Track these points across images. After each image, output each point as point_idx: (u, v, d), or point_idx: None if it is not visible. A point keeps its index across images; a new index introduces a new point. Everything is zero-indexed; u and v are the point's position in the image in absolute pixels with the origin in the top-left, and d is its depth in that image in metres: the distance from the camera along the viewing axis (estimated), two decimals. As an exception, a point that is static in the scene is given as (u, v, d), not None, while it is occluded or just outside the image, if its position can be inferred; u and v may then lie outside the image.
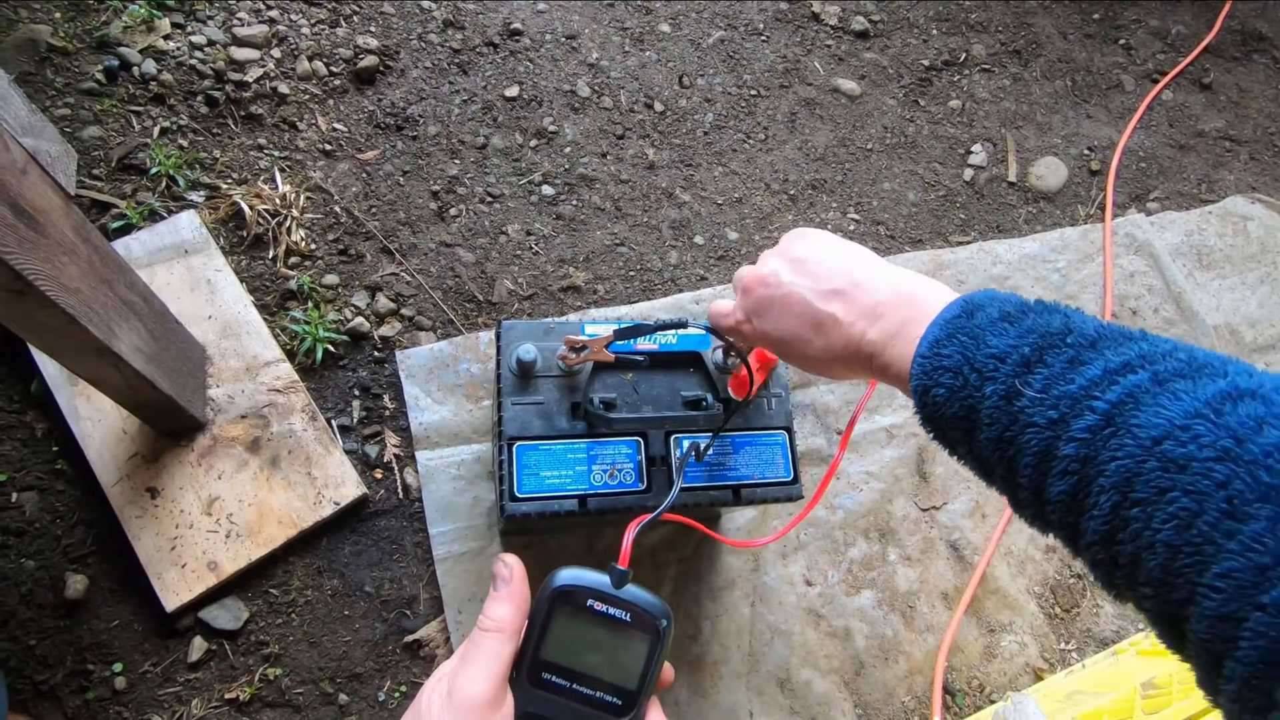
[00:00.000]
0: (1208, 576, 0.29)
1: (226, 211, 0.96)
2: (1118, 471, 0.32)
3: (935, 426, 0.42)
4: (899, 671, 0.90)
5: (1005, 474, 0.38)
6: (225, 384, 0.86)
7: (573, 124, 1.15)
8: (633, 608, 0.39)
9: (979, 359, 0.38)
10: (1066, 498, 0.35)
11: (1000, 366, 0.38)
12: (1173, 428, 0.31)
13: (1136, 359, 0.35)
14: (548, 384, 0.70)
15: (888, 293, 0.45)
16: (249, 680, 0.78)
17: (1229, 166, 1.34)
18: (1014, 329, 0.39)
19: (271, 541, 0.81)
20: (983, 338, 0.39)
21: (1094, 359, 0.36)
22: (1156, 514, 0.31)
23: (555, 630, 0.39)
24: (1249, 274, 1.22)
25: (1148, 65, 1.42)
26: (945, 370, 0.39)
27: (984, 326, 0.39)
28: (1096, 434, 0.33)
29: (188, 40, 1.05)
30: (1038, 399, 0.36)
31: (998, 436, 0.37)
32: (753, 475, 0.71)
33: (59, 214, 0.57)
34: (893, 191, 1.21)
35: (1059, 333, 0.37)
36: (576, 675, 0.39)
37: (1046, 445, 0.35)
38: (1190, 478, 0.30)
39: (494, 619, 0.38)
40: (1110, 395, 0.34)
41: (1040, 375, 0.36)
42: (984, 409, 0.38)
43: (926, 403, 0.41)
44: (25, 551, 0.78)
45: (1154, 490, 0.31)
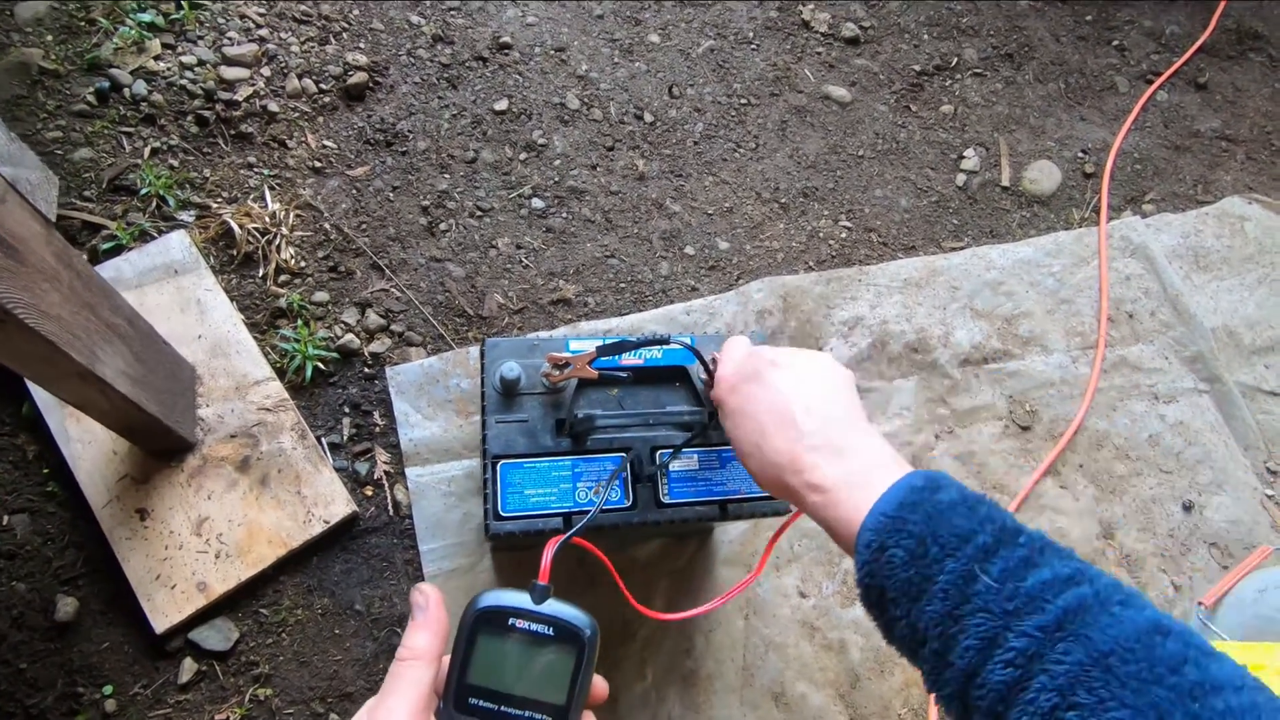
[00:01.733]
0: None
1: (217, 231, 0.97)
2: (1063, 674, 0.35)
3: (876, 583, 0.43)
4: (894, 684, 0.89)
5: (939, 648, 0.40)
6: (215, 403, 0.87)
7: (562, 136, 1.15)
8: (555, 621, 0.39)
9: (943, 534, 0.41)
10: (1004, 687, 0.37)
11: (962, 547, 0.40)
12: (1117, 646, 0.35)
13: (1078, 573, 0.39)
14: (532, 401, 0.69)
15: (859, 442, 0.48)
16: (239, 701, 0.78)
17: (1225, 167, 1.33)
18: (973, 515, 0.42)
19: (261, 561, 0.81)
20: (947, 515, 0.41)
21: (1043, 562, 0.39)
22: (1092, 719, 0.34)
23: (479, 653, 0.38)
24: (1247, 275, 1.21)
25: (1142, 66, 1.41)
26: (908, 535, 0.41)
27: (947, 505, 0.42)
28: (1047, 634, 0.36)
29: (178, 60, 1.06)
30: (994, 588, 0.39)
31: (946, 612, 0.39)
32: (739, 490, 0.70)
33: (39, 241, 0.57)
34: (885, 198, 1.20)
35: (1013, 530, 0.41)
36: (504, 697, 0.38)
37: (995, 633, 0.38)
38: (1129, 694, 0.33)
39: (411, 648, 0.37)
40: (1061, 601, 0.37)
41: (997, 565, 0.39)
42: (939, 582, 0.40)
43: (879, 560, 0.42)
44: (16, 574, 0.79)
45: (1095, 699, 0.34)
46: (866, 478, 0.46)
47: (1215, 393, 1.11)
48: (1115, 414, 1.08)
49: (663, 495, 0.68)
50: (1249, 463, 1.07)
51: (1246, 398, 1.11)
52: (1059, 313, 1.14)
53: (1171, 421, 1.08)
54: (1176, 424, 1.08)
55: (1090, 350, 1.12)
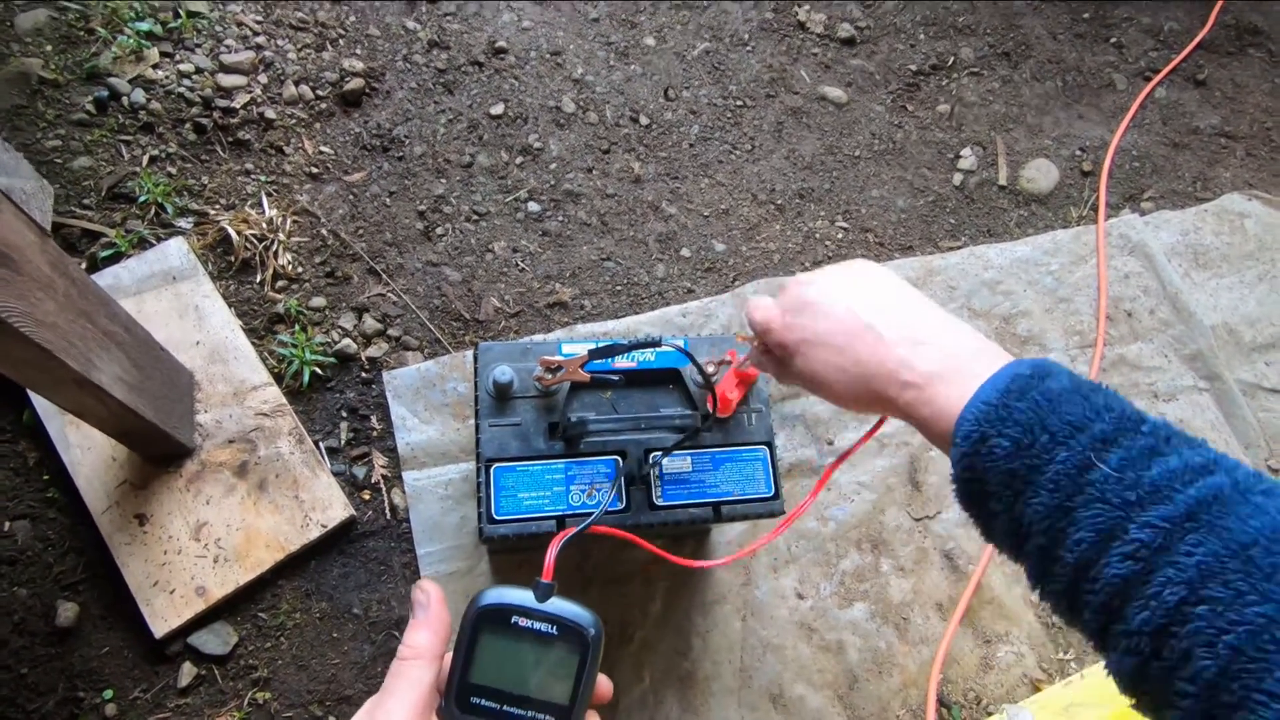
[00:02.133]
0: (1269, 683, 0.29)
1: (215, 237, 0.98)
2: (1193, 566, 0.32)
3: (975, 477, 0.40)
4: (893, 685, 0.89)
5: (1045, 544, 0.37)
6: (213, 409, 0.87)
7: (558, 140, 1.15)
8: (558, 620, 0.38)
9: (1053, 422, 0.37)
10: (1121, 582, 0.34)
11: (1076, 435, 0.37)
12: (1260, 536, 0.31)
13: (1212, 462, 0.35)
14: (525, 405, 0.70)
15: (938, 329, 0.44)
16: (238, 705, 0.78)
17: (1225, 164, 1.33)
18: (1087, 403, 0.38)
19: (260, 565, 0.81)
20: (1058, 403, 0.38)
21: (1170, 451, 0.36)
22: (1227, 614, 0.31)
23: (481, 651, 0.38)
24: (1247, 272, 1.20)
25: (1140, 63, 1.41)
26: (1014, 423, 0.38)
27: (1058, 393, 0.38)
28: (1175, 525, 0.33)
29: (176, 69, 1.07)
30: (1114, 477, 0.35)
31: (1056, 504, 0.36)
32: (733, 492, 0.71)
33: (34, 250, 0.58)
34: (881, 198, 1.20)
35: (1134, 418, 0.37)
36: (506, 696, 0.37)
37: (1113, 525, 0.35)
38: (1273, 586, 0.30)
39: (412, 646, 0.37)
40: (1192, 491, 0.34)
41: (1117, 454, 0.36)
42: (1048, 473, 0.37)
43: (980, 451, 0.39)
44: (17, 580, 0.79)
45: (1231, 592, 0.31)
46: (963, 366, 0.42)
47: (1215, 390, 1.11)
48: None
49: (656, 498, 0.69)
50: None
51: (1247, 395, 1.10)
52: (1057, 311, 1.13)
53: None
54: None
55: (1089, 349, 1.11)
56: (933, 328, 0.45)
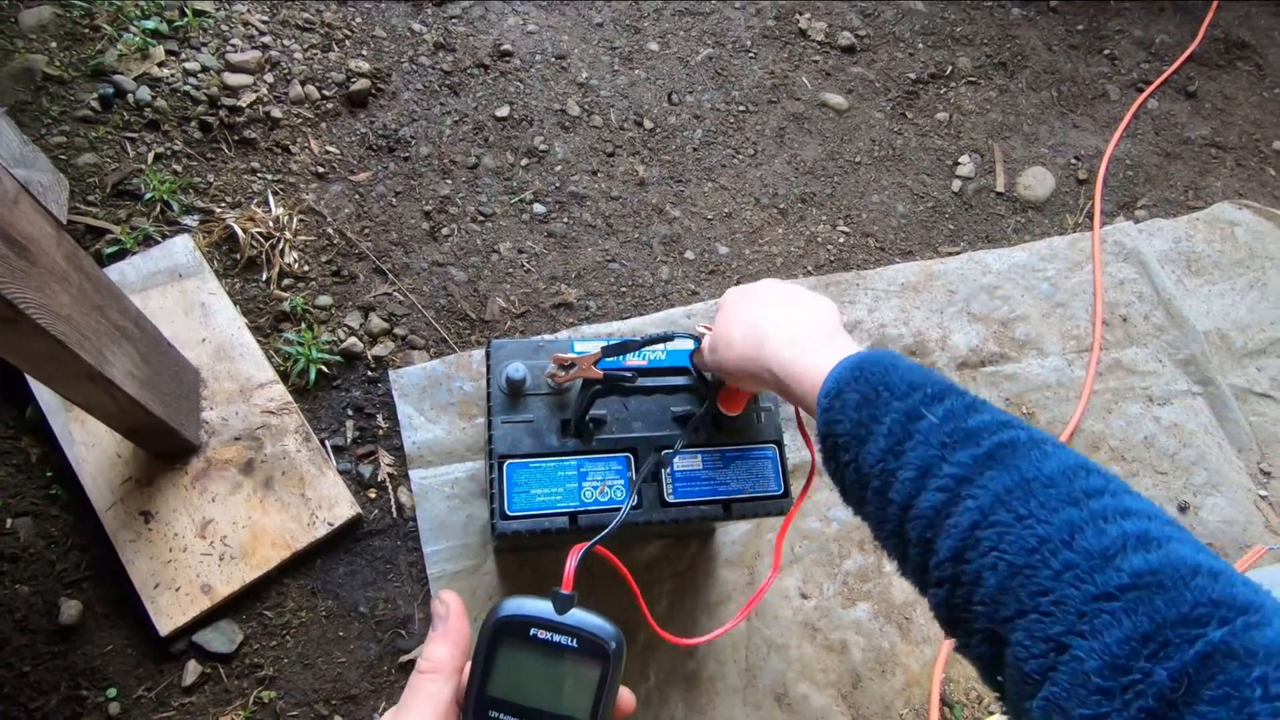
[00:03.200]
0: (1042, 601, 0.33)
1: (220, 235, 0.97)
2: (986, 496, 0.38)
3: (829, 429, 0.47)
4: (896, 684, 0.90)
5: (879, 485, 0.43)
6: (219, 406, 0.87)
7: (563, 142, 1.16)
8: (578, 633, 0.37)
9: (895, 381, 0.45)
10: (933, 511, 0.39)
11: (912, 392, 0.44)
12: (1040, 474, 0.37)
13: (1015, 420, 0.42)
14: (537, 402, 0.70)
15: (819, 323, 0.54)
16: (243, 703, 0.78)
17: (1215, 173, 1.35)
18: (927, 375, 0.46)
19: (266, 563, 0.81)
20: (902, 371, 0.46)
21: (985, 410, 0.43)
22: (1008, 536, 0.36)
23: (500, 665, 0.36)
24: (1238, 279, 1.23)
25: (1132, 74, 1.44)
26: (864, 382, 0.46)
27: (905, 365, 0.46)
28: (978, 462, 0.39)
29: (182, 67, 1.07)
30: (936, 425, 0.42)
31: (889, 447, 0.43)
32: (743, 489, 0.71)
33: (50, 242, 0.58)
34: (882, 204, 1.22)
35: (960, 389, 0.45)
36: (525, 711, 0.36)
37: (931, 462, 0.41)
38: (1045, 512, 0.36)
39: (430, 660, 0.36)
40: (996, 438, 0.40)
41: (942, 408, 0.43)
42: (885, 422, 0.43)
43: (835, 406, 0.46)
44: (19, 577, 0.79)
45: (1013, 515, 0.36)
46: (837, 343, 0.51)
47: (1208, 395, 1.13)
48: (1110, 416, 1.09)
49: (668, 495, 0.69)
50: (1243, 464, 1.09)
51: (1239, 400, 1.12)
52: (1054, 316, 1.15)
53: (1166, 424, 1.10)
54: (1171, 426, 1.10)
55: (1085, 353, 1.13)
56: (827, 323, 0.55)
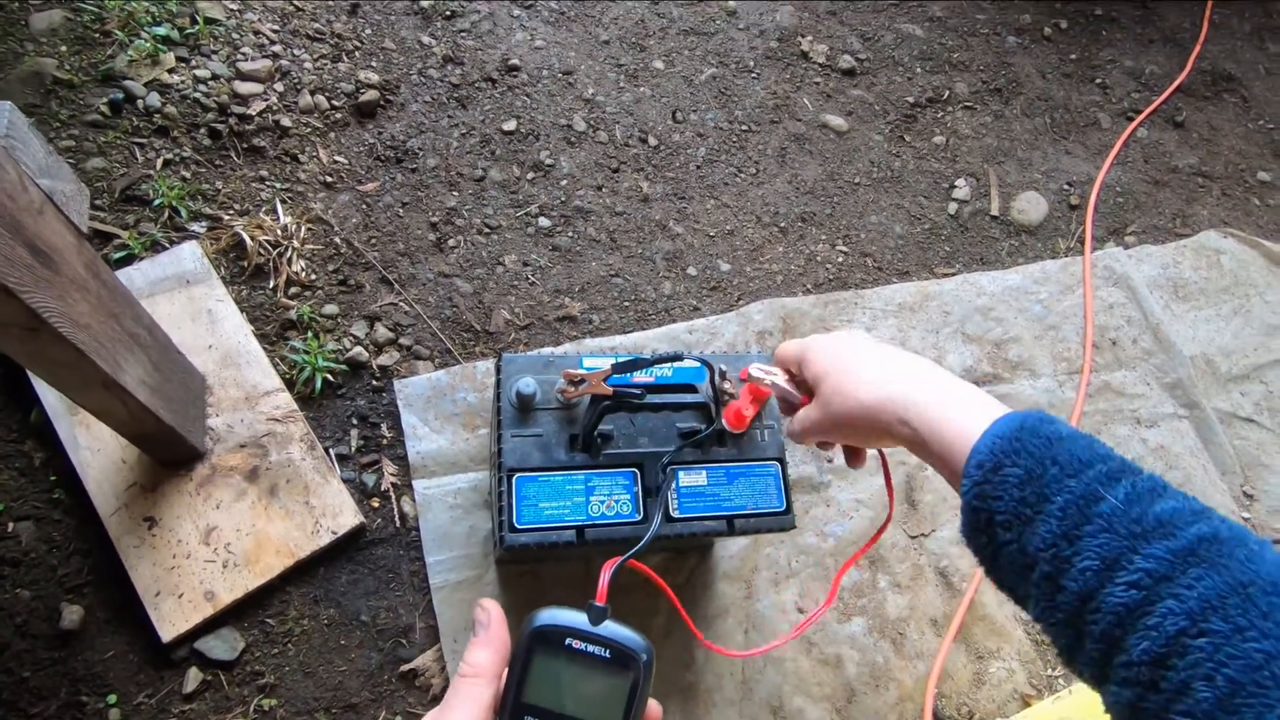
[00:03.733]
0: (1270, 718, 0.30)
1: (228, 242, 0.98)
2: (1196, 600, 0.33)
3: (984, 506, 0.42)
4: (890, 698, 0.91)
5: (1049, 571, 0.39)
6: (225, 413, 0.87)
7: (569, 157, 1.17)
8: (611, 644, 0.38)
9: (1062, 456, 0.40)
10: (1124, 609, 0.35)
11: (1084, 470, 0.39)
12: (1259, 579, 0.33)
13: (1207, 510, 0.37)
14: (546, 416, 0.71)
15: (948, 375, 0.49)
16: (244, 711, 0.78)
17: (1202, 202, 1.39)
18: (1093, 447, 0.41)
19: (269, 571, 0.81)
20: (1066, 443, 0.41)
21: (1170, 495, 0.38)
22: (1225, 647, 0.32)
23: (535, 672, 0.38)
24: (1223, 306, 1.26)
25: (1123, 104, 1.47)
26: (1026, 455, 0.41)
27: (1066, 435, 0.41)
28: (1179, 559, 0.35)
29: (192, 74, 1.07)
30: (1120, 509, 0.37)
31: (1063, 532, 0.38)
32: (746, 505, 0.73)
33: (72, 252, 0.59)
34: (880, 224, 1.24)
35: (1134, 466, 0.40)
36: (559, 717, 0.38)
37: (1119, 554, 0.36)
38: (1271, 625, 0.32)
39: (472, 665, 0.38)
40: (1194, 529, 0.36)
41: (1123, 489, 0.38)
42: (1057, 501, 0.39)
43: (993, 480, 0.41)
44: (21, 581, 0.79)
45: (1231, 627, 0.32)
46: (974, 405, 0.45)
47: (1194, 418, 1.16)
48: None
49: (673, 510, 0.70)
50: (1226, 486, 1.12)
51: (1223, 423, 1.15)
52: (1046, 338, 1.18)
53: (1153, 445, 1.12)
54: (1158, 448, 1.12)
55: (1076, 375, 1.16)
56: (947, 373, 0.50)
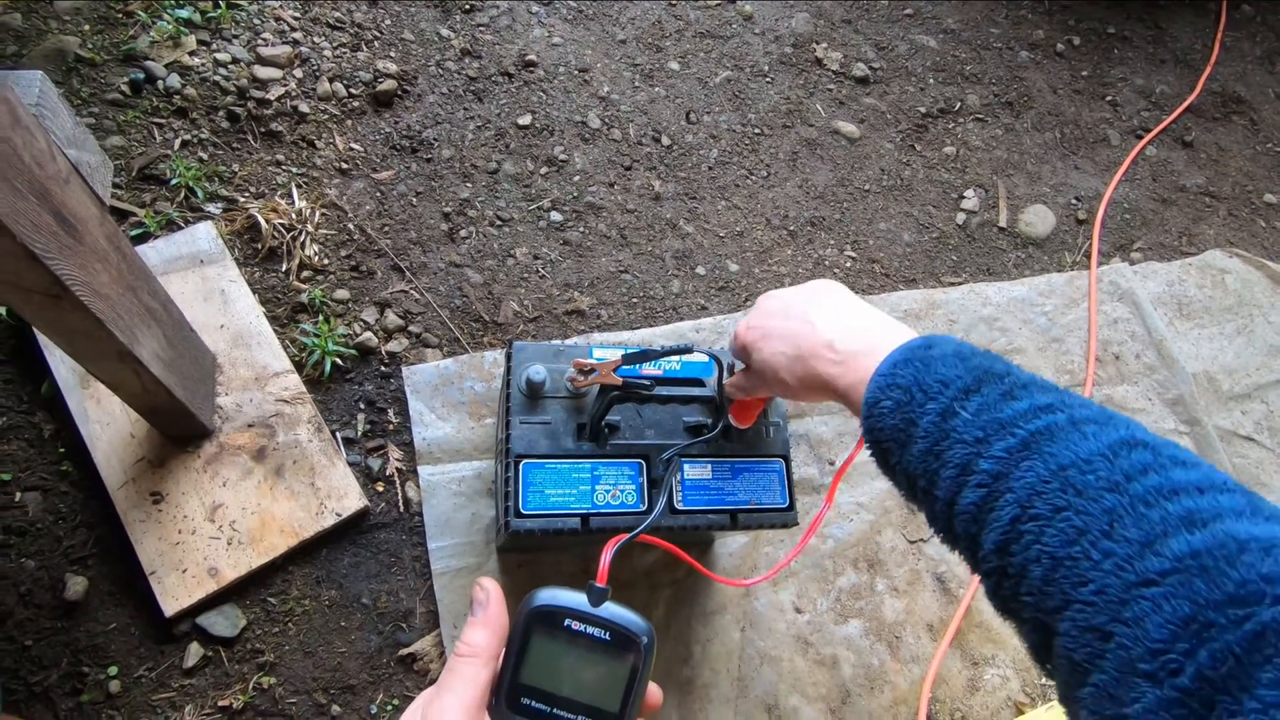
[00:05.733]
0: (1082, 592, 0.33)
1: (243, 224, 0.99)
2: (1023, 488, 0.37)
3: (874, 438, 0.47)
4: (884, 701, 0.92)
5: (925, 485, 0.43)
6: (234, 392, 0.88)
7: (582, 154, 1.18)
8: (612, 626, 0.38)
9: (927, 381, 0.44)
10: (974, 508, 0.39)
11: (944, 390, 0.43)
12: (1078, 459, 0.37)
13: (1058, 402, 0.41)
14: (555, 405, 0.72)
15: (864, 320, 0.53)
16: (243, 688, 0.78)
17: (1208, 221, 1.40)
18: (962, 364, 0.44)
19: (273, 550, 0.82)
20: (934, 366, 0.45)
21: (1023, 396, 0.41)
22: (1048, 529, 0.36)
23: (533, 652, 0.38)
24: (1226, 325, 1.27)
25: (1133, 122, 1.48)
26: (897, 387, 0.45)
27: (938, 358, 0.45)
28: (1012, 455, 0.39)
29: (212, 57, 1.08)
30: (969, 420, 0.41)
31: (928, 449, 0.43)
32: (749, 500, 0.73)
33: (95, 222, 0.59)
34: (888, 231, 1.25)
35: (999, 373, 0.43)
36: (557, 699, 0.37)
37: (968, 459, 0.40)
38: (1083, 501, 0.35)
39: (470, 644, 0.37)
40: (1031, 425, 0.39)
41: (975, 401, 0.42)
42: (922, 423, 0.43)
43: (873, 414, 0.46)
44: (26, 551, 0.79)
45: (1050, 508, 0.36)
46: (878, 345, 0.49)
47: (1195, 435, 1.16)
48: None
49: (677, 502, 0.71)
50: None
51: (1224, 441, 1.16)
52: (1050, 351, 1.19)
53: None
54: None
55: (1078, 388, 1.16)
56: (863, 321, 0.53)
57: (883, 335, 0.50)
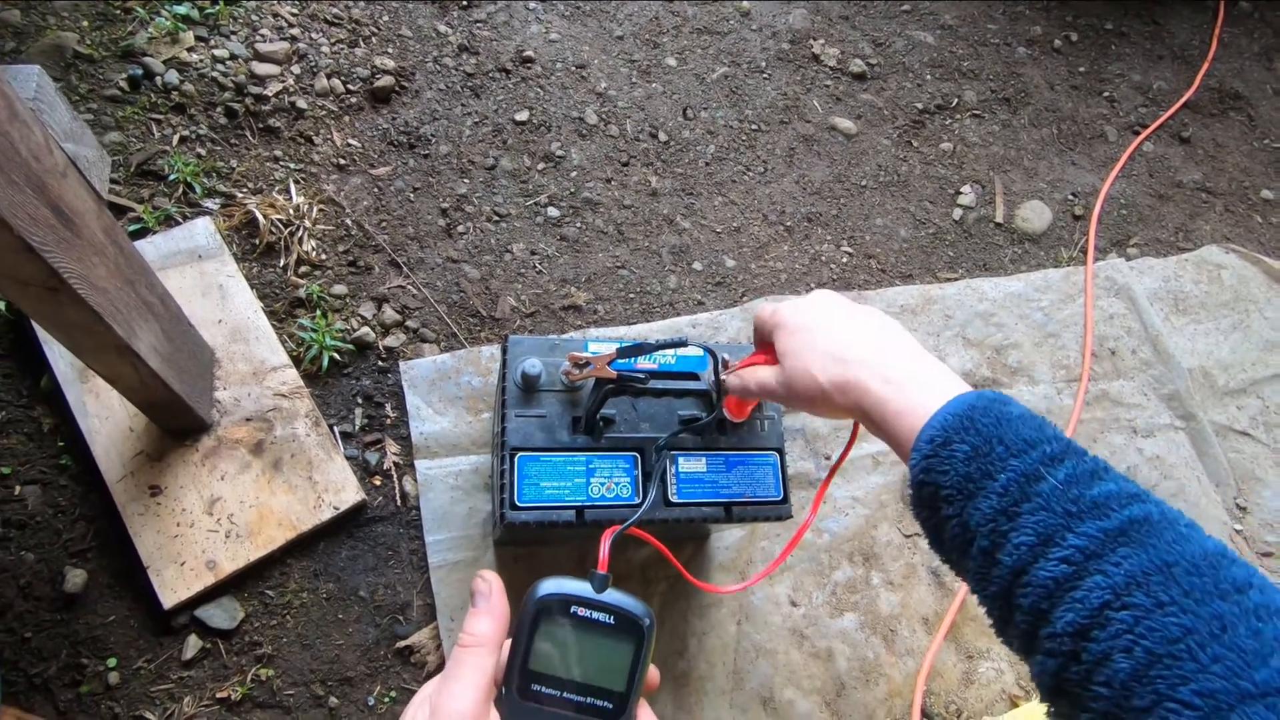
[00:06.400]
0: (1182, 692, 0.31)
1: (241, 220, 0.99)
2: (1120, 575, 0.35)
3: (931, 480, 0.43)
4: (879, 694, 0.92)
5: (986, 545, 0.40)
6: (232, 387, 0.88)
7: (580, 150, 1.19)
8: (615, 610, 0.40)
9: (1009, 436, 0.41)
10: (1053, 583, 0.37)
11: (1029, 450, 0.41)
12: (1182, 559, 0.35)
13: (1144, 494, 0.39)
14: (550, 398, 0.72)
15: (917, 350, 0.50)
16: (241, 680, 0.79)
17: (1205, 217, 1.40)
18: (1041, 429, 0.42)
19: (270, 543, 0.82)
20: (1016, 423, 0.42)
21: (1110, 479, 0.40)
22: (1146, 621, 0.34)
23: (541, 640, 0.39)
24: (1222, 320, 1.27)
25: (1130, 118, 1.49)
26: (975, 433, 0.42)
27: (1016, 415, 0.43)
28: (1109, 537, 0.37)
29: (210, 53, 1.09)
30: (1058, 488, 0.39)
31: (1002, 509, 0.40)
32: (744, 494, 0.74)
33: (92, 216, 0.60)
34: (885, 227, 1.25)
35: (1079, 449, 0.42)
36: (565, 683, 0.38)
37: (1053, 531, 0.38)
38: (1191, 602, 0.33)
39: (474, 634, 0.38)
40: (1127, 511, 0.37)
41: (1064, 470, 0.40)
42: (999, 479, 0.40)
43: (941, 454, 0.43)
44: (25, 544, 0.80)
45: (1152, 601, 0.34)
46: (935, 381, 0.46)
47: (1190, 430, 1.17)
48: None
49: (671, 495, 0.71)
50: (1220, 498, 1.13)
51: (1219, 436, 1.16)
52: (1046, 346, 1.19)
53: (1149, 455, 1.13)
54: (1153, 458, 1.13)
55: (1074, 383, 1.17)
56: (912, 346, 0.51)
57: (943, 376, 0.47)
